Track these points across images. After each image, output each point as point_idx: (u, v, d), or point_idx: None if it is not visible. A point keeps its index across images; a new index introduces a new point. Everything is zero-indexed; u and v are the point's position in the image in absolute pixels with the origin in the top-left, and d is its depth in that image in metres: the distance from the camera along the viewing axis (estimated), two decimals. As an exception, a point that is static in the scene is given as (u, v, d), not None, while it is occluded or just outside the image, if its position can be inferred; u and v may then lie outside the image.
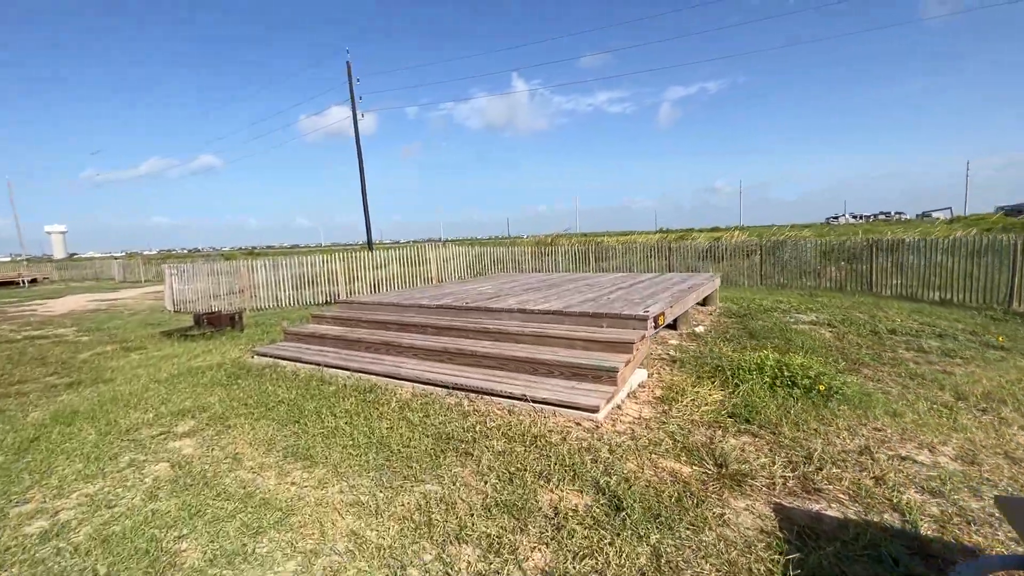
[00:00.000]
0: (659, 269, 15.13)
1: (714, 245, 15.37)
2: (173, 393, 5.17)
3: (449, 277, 14.92)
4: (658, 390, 4.54)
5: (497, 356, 4.91)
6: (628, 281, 8.38)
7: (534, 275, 10.71)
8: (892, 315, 7.84)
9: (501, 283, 9.02)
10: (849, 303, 9.26)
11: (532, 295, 6.96)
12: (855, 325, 7.05)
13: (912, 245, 10.79)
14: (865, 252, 11.66)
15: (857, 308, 8.60)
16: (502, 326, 5.53)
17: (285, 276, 13.26)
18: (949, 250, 10.01)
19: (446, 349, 5.29)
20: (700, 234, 28.79)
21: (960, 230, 15.89)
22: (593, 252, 15.93)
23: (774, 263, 13.89)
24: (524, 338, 5.27)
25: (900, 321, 7.30)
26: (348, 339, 6.20)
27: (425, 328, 6.04)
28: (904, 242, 10.96)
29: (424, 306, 6.64)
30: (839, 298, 10.26)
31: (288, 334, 6.94)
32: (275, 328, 8.80)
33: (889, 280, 11.22)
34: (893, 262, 11.15)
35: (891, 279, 11.20)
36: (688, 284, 7.64)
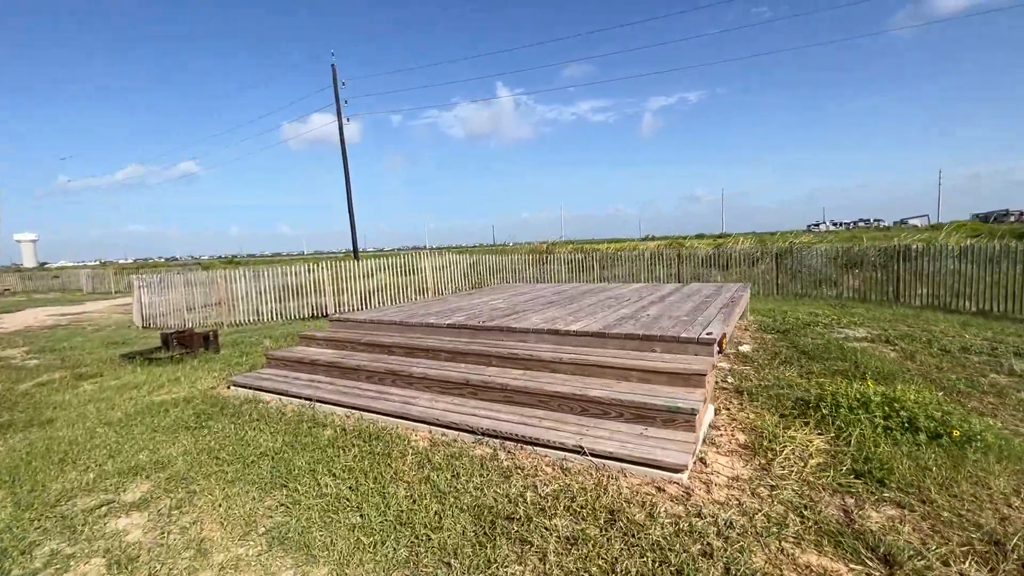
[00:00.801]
0: (667, 278, 14.38)
1: (719, 252, 14.67)
2: (126, 441, 4.12)
3: (445, 287, 13.95)
4: (739, 433, 3.65)
5: (535, 391, 3.99)
6: (654, 292, 7.54)
7: (543, 286, 9.82)
8: (946, 329, 7.13)
9: (511, 296, 8.11)
10: (889, 315, 8.57)
11: (555, 311, 6.06)
12: (917, 342, 6.29)
13: (940, 252, 10.20)
14: (891, 260, 11.03)
15: (902, 321, 7.89)
16: (532, 351, 4.61)
17: (267, 287, 12.15)
18: (983, 259, 9.42)
19: (467, 381, 4.35)
20: (696, 241, 28.29)
21: (968, 238, 15.46)
22: (597, 260, 15.12)
23: (787, 271, 13.25)
24: (562, 367, 4.35)
25: (962, 337, 6.58)
26: (344, 366, 5.21)
27: (438, 353, 5.08)
28: (934, 249, 10.36)
29: (433, 325, 5.69)
30: (872, 309, 9.58)
31: (272, 359, 5.91)
32: (256, 349, 7.73)
33: (915, 289, 10.61)
34: (916, 271, 10.55)
35: (918, 288, 10.60)
36: (727, 296, 6.82)
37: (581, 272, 15.35)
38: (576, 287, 9.11)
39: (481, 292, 9.11)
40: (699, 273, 14.59)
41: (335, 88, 26.30)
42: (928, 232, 27.64)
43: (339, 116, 26.16)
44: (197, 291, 12.88)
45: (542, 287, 9.48)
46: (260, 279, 12.38)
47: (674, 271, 14.36)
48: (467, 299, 7.98)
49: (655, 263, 14.60)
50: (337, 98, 26.38)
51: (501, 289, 9.51)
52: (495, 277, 15.06)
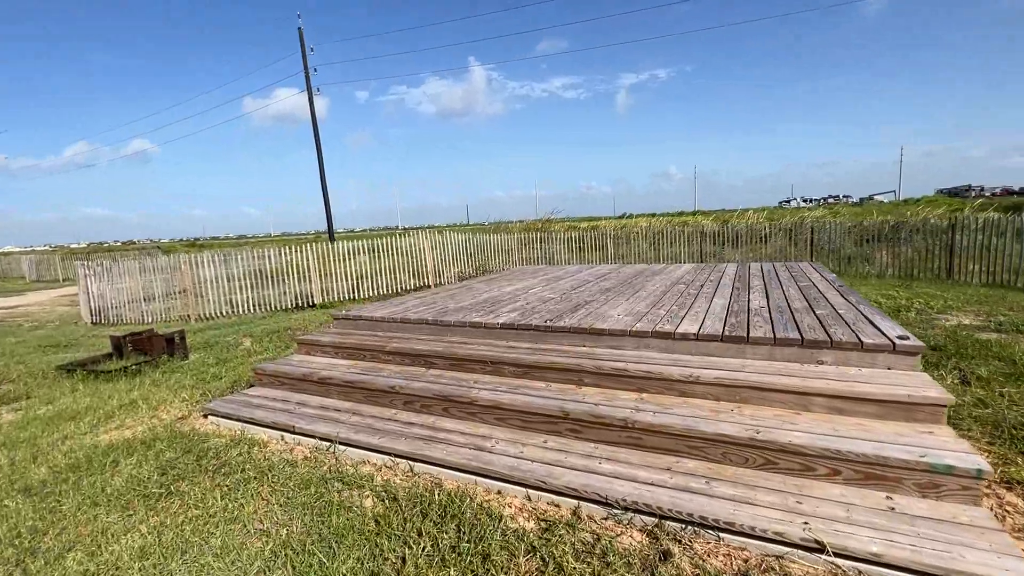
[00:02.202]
0: (687, 256, 13.25)
1: (725, 228, 13.65)
2: (49, 526, 2.65)
3: (446, 272, 12.45)
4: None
5: (680, 432, 2.68)
6: (716, 274, 6.31)
7: (576, 268, 8.48)
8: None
9: (548, 282, 6.75)
10: (967, 295, 7.60)
11: (628, 302, 4.74)
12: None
13: (996, 226, 9.30)
14: (941, 235, 10.10)
15: (997, 302, 6.91)
16: (643, 363, 3.29)
17: (240, 272, 10.44)
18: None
19: (565, 413, 3.00)
20: (700, 218, 27.34)
21: (956, 211, 14.74)
22: (611, 239, 13.84)
23: (808, 247, 12.32)
24: (698, 388, 3.06)
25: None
26: (370, 387, 3.78)
27: (500, 367, 3.71)
28: (992, 223, 9.45)
29: (481, 325, 4.30)
30: (934, 288, 8.63)
31: (263, 376, 4.41)
32: (236, 354, 6.19)
33: (967, 266, 9.75)
34: (970, 246, 9.67)
35: (970, 265, 9.74)
36: (819, 277, 5.63)
37: (589, 252, 14.06)
38: (618, 269, 7.80)
39: (504, 277, 7.71)
40: (713, 251, 13.58)
41: (303, 54, 23.95)
42: (913, 206, 27.40)
43: (308, 84, 23.87)
44: (158, 278, 11.06)
45: (575, 269, 8.14)
46: (231, 263, 10.64)
47: (695, 249, 13.25)
48: (494, 286, 6.58)
49: (670, 240, 13.45)
50: (306, 65, 24.03)
51: (526, 273, 8.13)
52: (498, 258, 13.63)
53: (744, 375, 3.01)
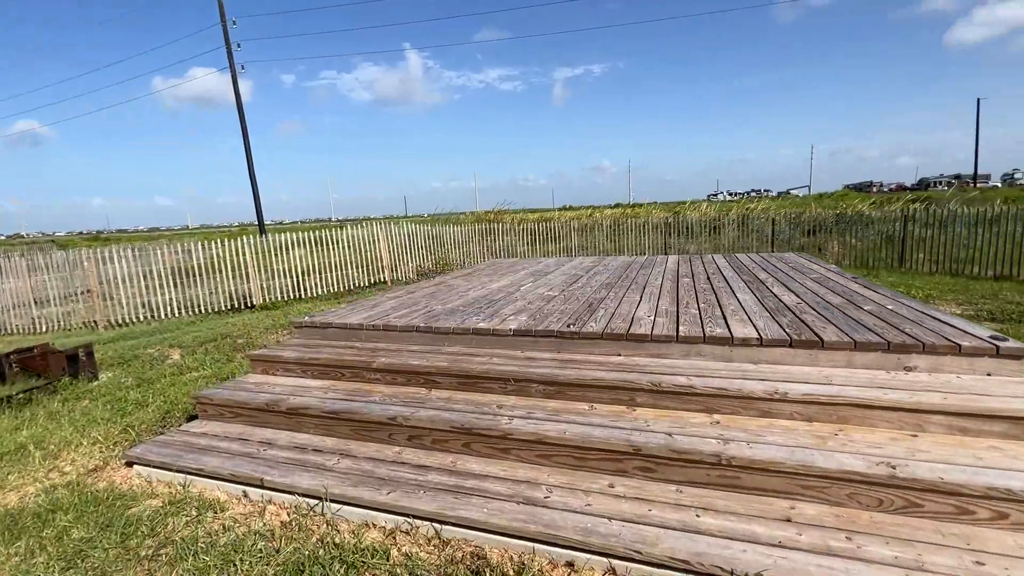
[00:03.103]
0: (656, 248, 13.09)
1: (677, 220, 13.73)
2: None
3: (406, 267, 11.43)
4: None
5: (792, 469, 2.12)
6: (699, 266, 5.95)
7: (553, 261, 7.87)
8: None
9: (535, 277, 6.09)
10: (931, 283, 7.80)
11: (648, 302, 4.20)
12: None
13: (952, 217, 9.76)
14: (893, 226, 10.51)
15: (963, 291, 7.08)
16: (709, 378, 2.72)
17: (160, 269, 8.93)
18: (999, 220, 9.04)
19: (634, 448, 2.36)
20: (649, 209, 27.72)
21: (879, 204, 15.80)
22: (576, 230, 13.41)
23: (761, 238, 12.58)
24: (785, 408, 2.53)
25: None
26: (359, 417, 2.93)
27: (524, 384, 3.01)
28: (947, 213, 9.89)
29: (485, 332, 3.56)
30: (895, 276, 8.88)
31: (208, 405, 3.41)
32: (163, 371, 5.03)
33: (916, 255, 10.20)
34: (921, 237, 10.11)
35: (918, 254, 10.20)
36: (826, 269, 5.39)
37: (546, 243, 13.56)
38: (601, 261, 7.28)
39: (482, 272, 6.96)
40: (674, 243, 13.56)
41: (224, 28, 21.59)
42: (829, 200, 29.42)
43: (231, 62, 21.60)
44: (53, 278, 9.26)
45: (553, 263, 7.53)
46: (148, 258, 9.08)
47: (654, 240, 13.12)
48: (476, 283, 5.82)
49: (626, 232, 13.25)
50: (227, 39, 21.71)
51: (502, 267, 7.41)
52: (459, 251, 12.78)
53: (837, 389, 2.51)
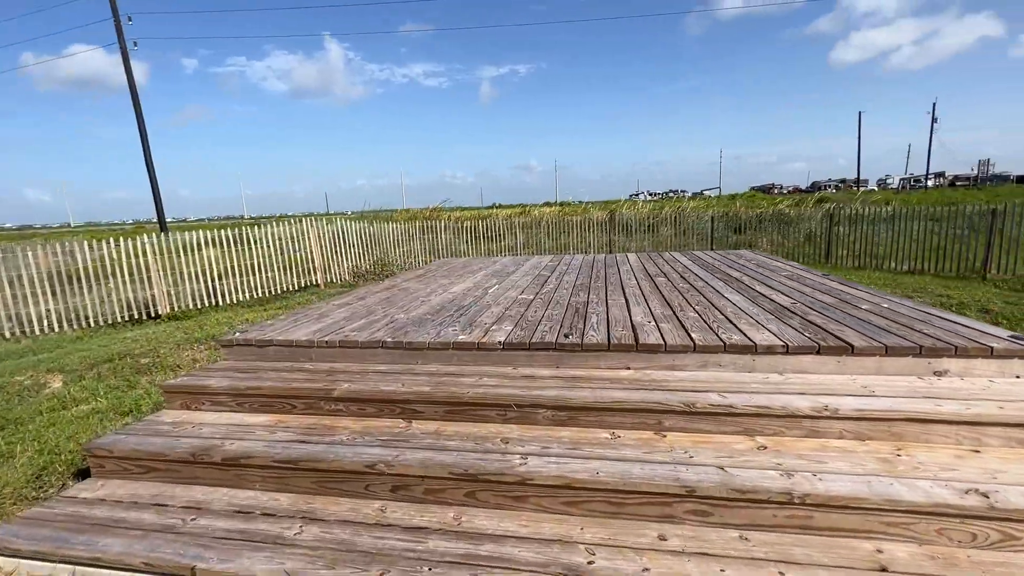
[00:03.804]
0: (599, 246, 13.03)
1: (614, 218, 13.92)
2: None
3: (341, 268, 10.40)
4: None
5: (877, 505, 1.80)
6: (666, 265, 5.79)
7: (509, 261, 7.39)
8: (982, 293, 6.83)
9: (492, 276, 5.59)
10: (869, 279, 8.26)
11: (640, 306, 3.86)
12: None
13: (871, 216, 10.51)
14: (821, 223, 11.17)
15: (898, 286, 7.53)
16: (749, 395, 2.39)
17: (34, 274, 7.36)
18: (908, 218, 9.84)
19: (687, 488, 1.94)
20: (569, 207, 28.03)
21: (895, 202, 17.08)
22: (521, 228, 13.05)
23: (696, 235, 12.98)
24: (835, 425, 2.24)
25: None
26: (324, 465, 2.27)
27: (529, 410, 2.51)
28: (863, 212, 10.64)
29: (468, 346, 3.02)
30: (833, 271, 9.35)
31: (107, 457, 2.54)
32: (37, 407, 3.94)
33: (839, 251, 10.91)
34: (845, 233, 10.83)
35: (840, 250, 10.91)
36: (795, 268, 5.38)
37: (488, 242, 13.08)
38: (565, 259, 6.91)
39: (438, 274, 6.34)
40: (615, 241, 13.67)
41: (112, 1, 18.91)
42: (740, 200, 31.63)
43: (120, 37, 18.99)
44: None
45: (509, 262, 7.06)
46: (16, 260, 7.46)
47: (594, 238, 13.09)
48: (434, 285, 5.21)
49: (567, 230, 13.14)
50: (115, 9, 19.03)
51: (455, 268, 6.82)
52: (399, 250, 11.92)
53: (888, 403, 2.26)
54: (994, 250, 8.67)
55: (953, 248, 9.20)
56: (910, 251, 9.74)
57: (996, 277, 8.42)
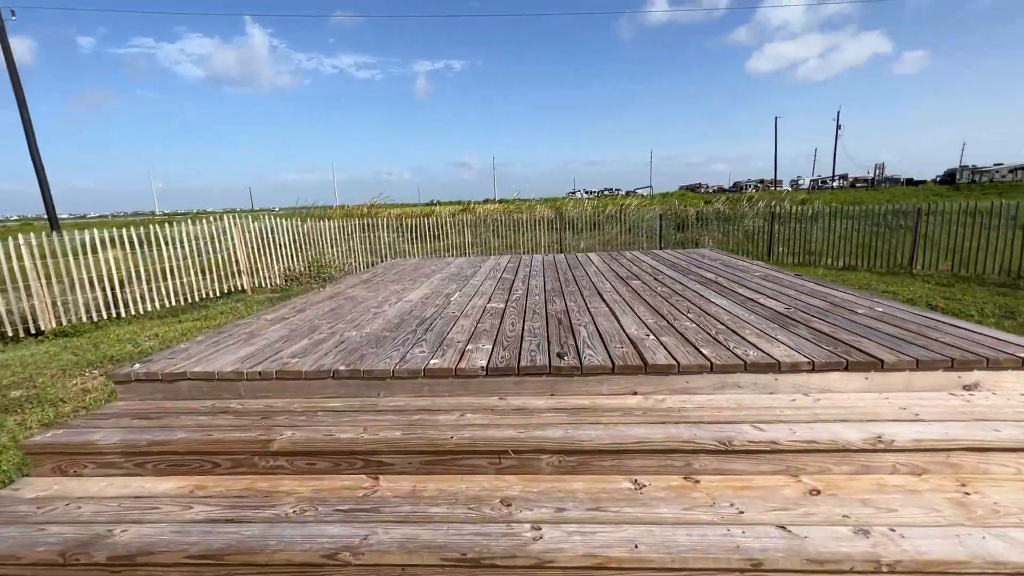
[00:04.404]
0: (549, 244, 12.72)
1: (559, 215, 13.80)
2: None
3: (270, 270, 9.32)
4: None
5: (975, 569, 1.49)
6: (631, 265, 5.54)
7: (465, 262, 6.84)
8: (925, 292, 7.09)
9: (449, 280, 5.03)
10: (840, 278, 8.48)
11: (632, 315, 3.49)
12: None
13: (810, 214, 10.94)
14: (766, 222, 11.50)
15: (865, 284, 7.75)
16: (787, 424, 2.04)
17: None
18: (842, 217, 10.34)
19: (751, 561, 1.53)
20: (500, 205, 27.78)
21: (819, 202, 17.83)
22: (469, 226, 12.46)
23: (644, 233, 13.08)
24: (888, 458, 1.93)
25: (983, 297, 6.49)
26: (256, 558, 1.66)
27: (528, 457, 2.02)
28: (802, 211, 11.05)
29: (444, 372, 2.48)
30: (777, 268, 9.59)
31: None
32: None
33: (779, 248, 11.30)
34: (787, 231, 11.21)
35: (779, 247, 11.30)
36: (764, 268, 5.26)
37: (434, 240, 12.42)
38: (524, 260, 6.46)
39: (387, 279, 5.67)
40: (563, 239, 13.48)
41: (-16, -51, 16.17)
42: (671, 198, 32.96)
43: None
44: None
45: (465, 263, 6.51)
46: None
47: (543, 236, 12.82)
48: (385, 292, 4.58)
49: (515, 228, 12.78)
50: (-11, -31, 16.30)
51: (405, 271, 6.17)
52: (337, 250, 10.95)
53: (938, 428, 1.99)
54: (919, 248, 9.24)
55: (882, 245, 9.74)
56: (844, 248, 10.23)
57: (921, 272, 8.97)
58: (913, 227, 9.33)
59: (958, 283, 7.88)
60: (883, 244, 9.73)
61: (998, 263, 8.18)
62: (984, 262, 8.33)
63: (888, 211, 10.10)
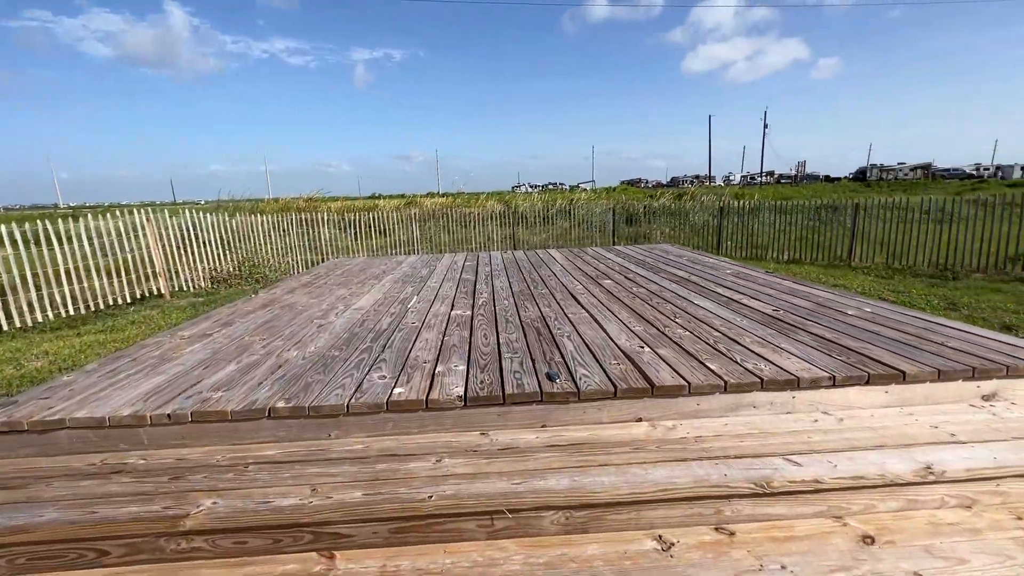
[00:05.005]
0: (501, 240, 12.31)
1: (508, 210, 13.54)
2: None
3: (193, 271, 8.28)
4: None
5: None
6: (597, 263, 5.28)
7: (417, 260, 6.29)
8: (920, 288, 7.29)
9: (404, 282, 4.52)
10: (790, 271, 8.62)
11: (617, 322, 3.16)
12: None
13: (752, 208, 11.21)
14: (714, 216, 11.67)
15: (815, 278, 7.90)
16: (818, 464, 1.76)
17: None
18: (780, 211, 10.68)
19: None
20: (441, 198, 27.26)
21: (757, 196, 18.38)
22: (417, 221, 11.81)
23: (591, 228, 13.03)
24: (938, 492, 1.69)
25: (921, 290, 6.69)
26: None
27: (535, 517, 1.61)
28: (746, 206, 11.30)
29: (411, 405, 2.02)
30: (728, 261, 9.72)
31: None
32: None
33: (726, 241, 11.54)
34: (735, 225, 11.45)
35: (726, 241, 11.55)
36: (735, 266, 5.13)
37: (378, 236, 11.71)
38: (482, 258, 6.01)
39: (330, 282, 5.05)
40: (515, 234, 13.17)
41: None
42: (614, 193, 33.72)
43: None
44: None
45: (417, 262, 5.98)
46: None
47: (508, 232, 12.43)
48: (331, 297, 4.01)
49: (463, 223, 12.32)
50: None
51: (352, 272, 5.56)
52: (271, 248, 9.98)
53: (982, 452, 1.79)
54: (856, 242, 9.68)
55: (822, 239, 10.14)
56: (787, 242, 10.57)
57: (859, 265, 9.38)
58: (851, 222, 9.75)
59: (895, 275, 8.27)
60: (822, 238, 10.13)
61: (927, 256, 8.68)
62: (915, 255, 8.81)
63: (820, 206, 10.60)
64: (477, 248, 12.05)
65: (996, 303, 5.93)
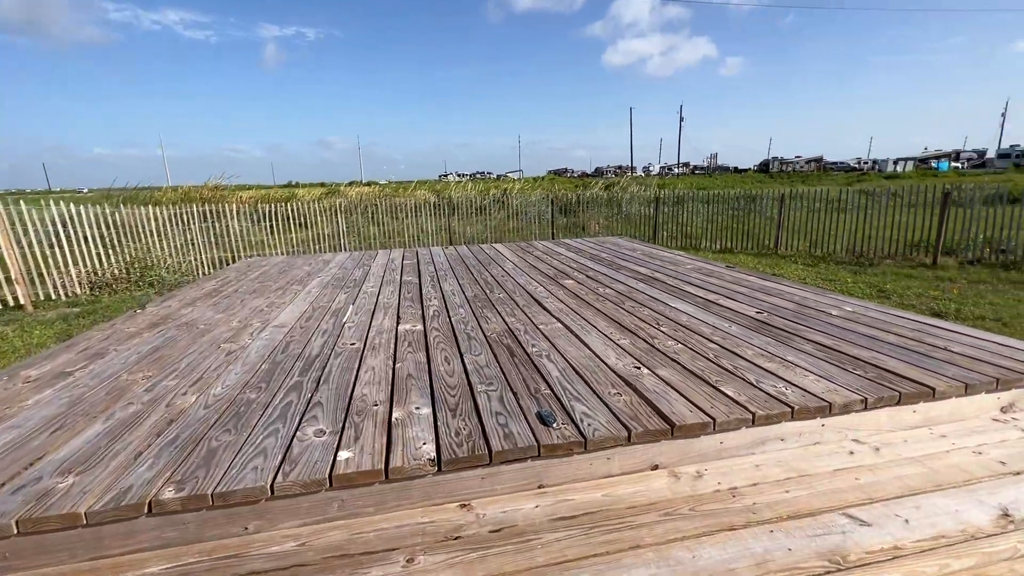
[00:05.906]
0: (436, 232, 11.61)
1: (440, 200, 12.95)
2: None
3: (65, 275, 6.84)
4: None
5: None
6: (549, 258, 4.92)
7: (347, 258, 5.54)
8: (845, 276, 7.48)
9: (336, 286, 3.85)
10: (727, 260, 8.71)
11: (599, 334, 2.76)
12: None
13: (674, 199, 11.42)
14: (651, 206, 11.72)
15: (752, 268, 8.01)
16: (893, 519, 1.45)
17: None
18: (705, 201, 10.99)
19: None
20: (370, 187, 25.97)
21: (680, 186, 18.76)
22: (339, 211, 10.79)
23: (530, 218, 12.77)
24: (1012, 538, 1.44)
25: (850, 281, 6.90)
26: None
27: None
28: (678, 196, 11.47)
29: (372, 478, 1.47)
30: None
31: None
32: None
33: (663, 231, 11.69)
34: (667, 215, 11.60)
35: (664, 231, 11.71)
36: (700, 263, 4.94)
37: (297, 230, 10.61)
38: (422, 254, 5.39)
39: (240, 287, 4.22)
40: (451, 226, 12.56)
41: None
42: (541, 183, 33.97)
43: None
44: None
45: (347, 260, 5.25)
46: None
47: (444, 223, 11.76)
48: (244, 312, 3.27)
49: (410, 215, 11.54)
50: None
51: (270, 272, 4.73)
52: (167, 246, 8.58)
53: None
54: (782, 231, 10.12)
55: (751, 229, 10.52)
56: (717, 232, 10.87)
57: (786, 253, 9.82)
58: (778, 212, 10.17)
59: (819, 263, 8.69)
60: (750, 227, 10.52)
61: (844, 244, 9.23)
62: (833, 243, 9.34)
63: (740, 196, 11.08)
64: (411, 242, 11.29)
65: (916, 289, 6.29)
